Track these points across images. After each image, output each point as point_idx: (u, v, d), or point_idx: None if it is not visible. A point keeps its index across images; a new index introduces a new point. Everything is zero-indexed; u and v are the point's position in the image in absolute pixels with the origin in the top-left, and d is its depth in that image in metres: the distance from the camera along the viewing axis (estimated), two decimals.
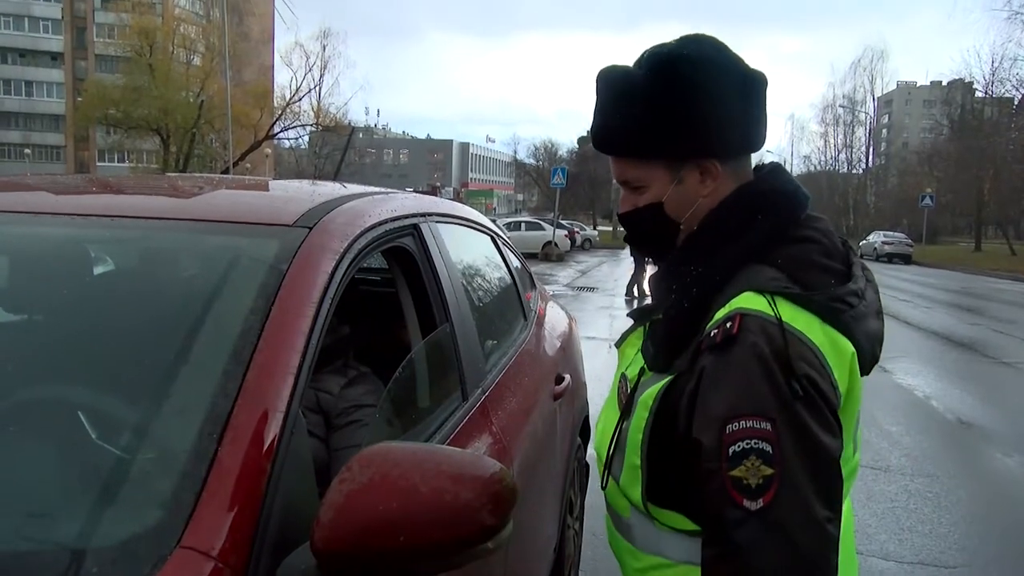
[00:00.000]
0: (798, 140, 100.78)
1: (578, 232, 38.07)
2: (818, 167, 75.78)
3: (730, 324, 1.09)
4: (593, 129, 1.30)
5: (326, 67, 47.87)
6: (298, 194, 1.92)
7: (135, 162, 55.10)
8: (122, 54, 48.39)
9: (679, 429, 1.15)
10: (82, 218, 1.59)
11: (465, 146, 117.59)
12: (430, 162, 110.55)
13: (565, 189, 31.53)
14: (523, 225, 32.35)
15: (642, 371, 1.26)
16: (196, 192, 2.02)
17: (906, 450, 5.78)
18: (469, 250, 2.55)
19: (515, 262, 3.11)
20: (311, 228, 1.46)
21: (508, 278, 2.91)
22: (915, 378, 8.44)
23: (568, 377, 2.83)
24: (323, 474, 1.65)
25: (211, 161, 46.51)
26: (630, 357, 1.35)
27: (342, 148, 46.04)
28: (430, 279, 1.90)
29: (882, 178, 73.22)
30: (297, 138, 51.28)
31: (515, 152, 79.48)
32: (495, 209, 78.91)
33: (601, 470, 1.34)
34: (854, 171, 72.24)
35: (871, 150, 73.07)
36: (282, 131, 47.57)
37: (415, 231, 1.90)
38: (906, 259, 36.80)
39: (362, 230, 1.58)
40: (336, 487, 1.02)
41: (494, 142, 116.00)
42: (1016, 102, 44.99)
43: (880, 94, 75.07)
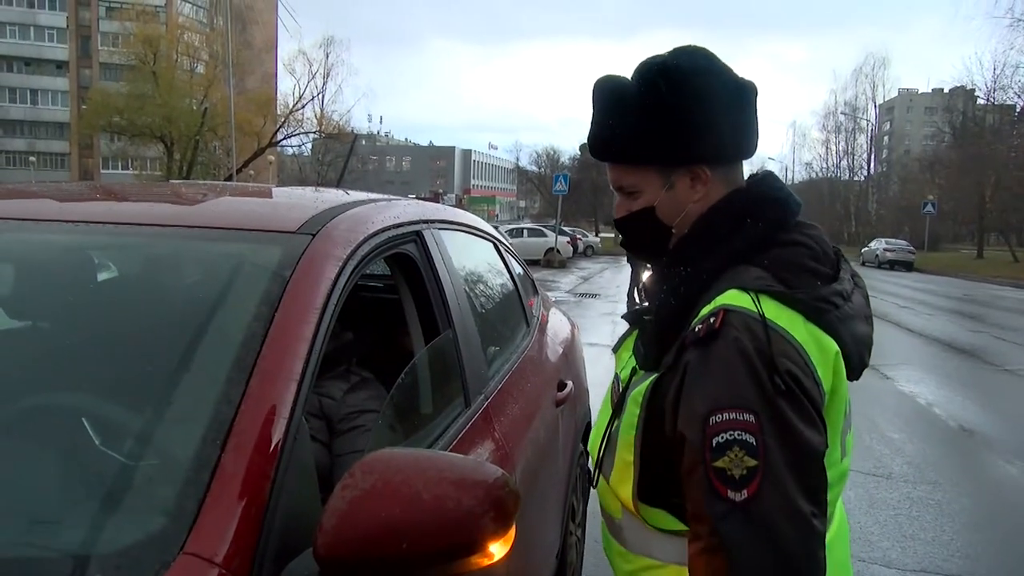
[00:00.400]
0: (800, 147, 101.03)
1: (580, 239, 38.05)
2: (820, 174, 75.89)
3: (713, 319, 1.12)
4: (589, 137, 1.34)
5: (329, 74, 48.06)
6: (301, 201, 1.92)
7: (139, 169, 55.19)
8: (126, 62, 48.46)
9: (666, 425, 1.17)
10: (86, 225, 1.60)
11: (467, 153, 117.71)
12: (432, 169, 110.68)
13: (567, 196, 31.49)
14: (525, 231, 32.34)
15: (634, 371, 1.29)
16: (199, 199, 2.03)
17: (908, 457, 5.76)
18: (472, 257, 2.56)
19: (517, 268, 3.12)
20: (314, 235, 1.46)
21: (510, 284, 2.92)
22: (917, 385, 8.42)
23: (570, 383, 2.83)
24: (326, 479, 1.66)
25: (214, 168, 46.60)
26: (624, 360, 1.37)
27: (345, 155, 46.00)
28: (433, 285, 1.91)
29: (884, 185, 73.20)
30: (300, 145, 51.38)
31: (517, 159, 79.58)
32: (497, 216, 79.01)
33: (594, 470, 1.37)
34: (856, 178, 72.32)
35: (873, 157, 73.19)
36: (285, 138, 47.65)
37: (418, 238, 1.91)
38: (908, 266, 36.72)
39: (365, 237, 1.58)
40: (339, 493, 1.02)
41: (496, 149, 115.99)
42: (1018, 109, 45.00)
43: (882, 101, 75.37)
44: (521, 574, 1.99)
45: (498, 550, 1.03)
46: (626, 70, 1.31)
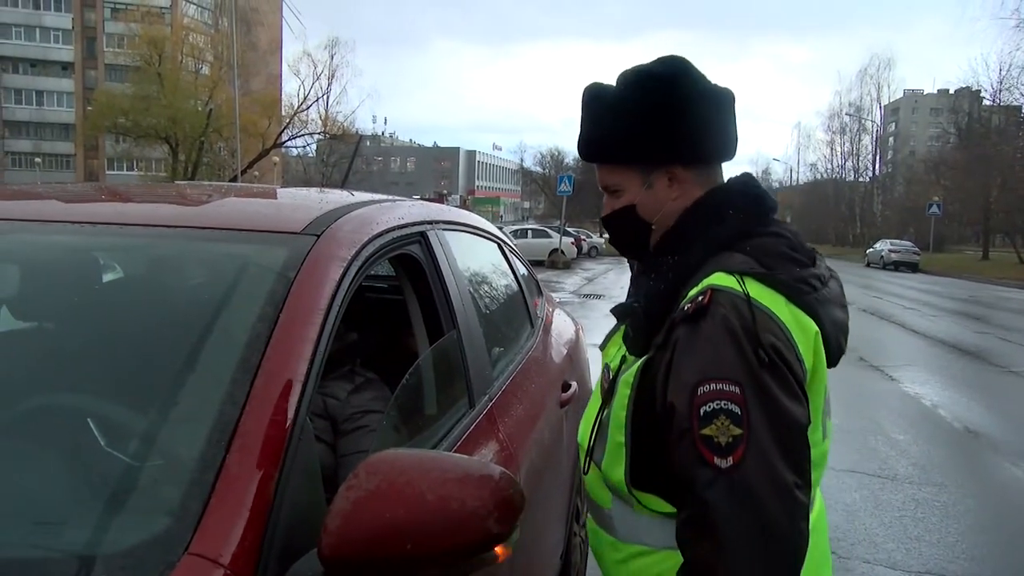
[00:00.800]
0: (804, 148, 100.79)
1: (584, 239, 38.00)
2: (824, 175, 75.76)
3: (702, 298, 1.19)
4: (578, 140, 1.43)
5: (334, 76, 48.13)
6: (306, 202, 1.93)
7: (144, 170, 55.34)
8: (131, 64, 48.60)
9: (657, 401, 1.22)
10: (91, 226, 1.60)
11: (471, 154, 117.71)
12: (436, 170, 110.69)
13: (571, 197, 31.48)
14: (529, 232, 32.34)
15: (624, 359, 1.35)
16: (204, 200, 2.03)
17: (913, 459, 5.75)
18: (476, 257, 2.56)
19: (522, 269, 3.12)
20: (319, 236, 1.47)
21: (515, 285, 2.92)
22: (922, 387, 8.40)
23: (575, 384, 2.83)
24: (330, 479, 1.66)
25: (219, 169, 46.71)
26: (613, 353, 1.42)
27: (349, 156, 46.06)
28: (437, 286, 1.91)
29: (888, 186, 72.98)
30: (305, 146, 51.56)
31: (521, 160, 79.68)
32: (501, 217, 79.03)
33: (583, 459, 1.42)
34: (860, 179, 72.15)
35: (877, 158, 73.00)
36: (290, 139, 47.78)
37: (422, 238, 1.91)
38: (913, 267, 36.65)
39: (369, 237, 1.59)
40: (343, 494, 1.02)
41: (500, 150, 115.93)
42: None
43: (887, 102, 75.19)
44: (525, 575, 1.99)
45: (502, 551, 1.03)
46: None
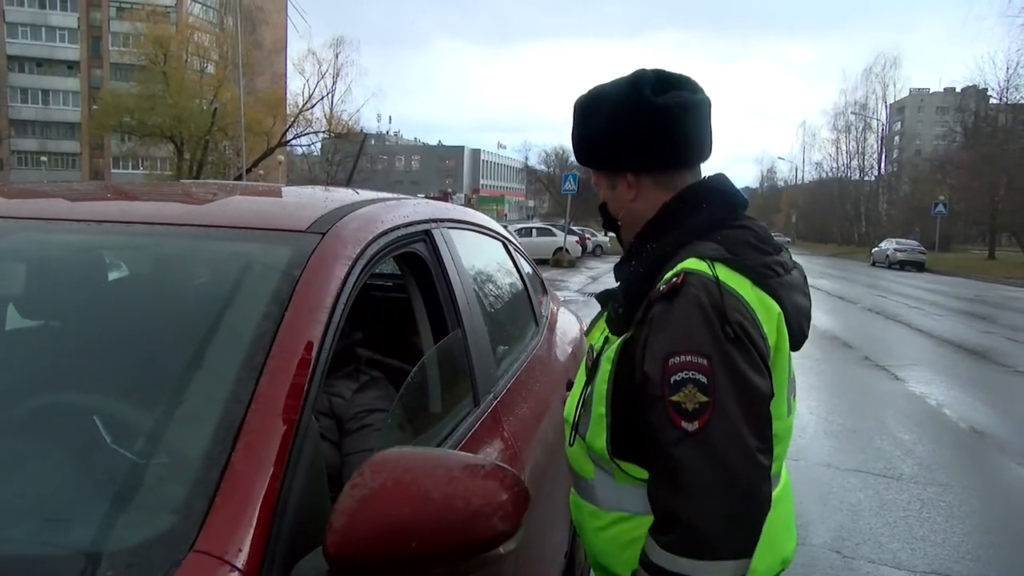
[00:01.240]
0: (810, 147, 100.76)
1: (589, 238, 37.96)
2: (830, 174, 75.62)
3: (676, 279, 1.30)
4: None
5: (339, 74, 48.06)
6: (311, 200, 1.93)
7: (149, 169, 55.45)
8: (137, 63, 48.62)
9: (637, 375, 1.32)
10: (97, 224, 1.61)
11: (476, 152, 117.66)
12: (441, 168, 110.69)
13: (576, 195, 31.40)
14: (534, 231, 32.31)
15: (606, 340, 1.46)
16: (209, 199, 2.04)
17: (919, 459, 5.73)
18: (481, 256, 2.56)
19: (526, 268, 3.11)
20: (324, 234, 1.47)
21: (520, 284, 2.92)
22: (928, 386, 8.37)
23: None
24: (335, 478, 1.66)
25: (224, 168, 46.72)
26: (596, 336, 1.54)
27: (354, 155, 46.19)
28: (442, 285, 1.91)
29: (894, 185, 72.76)
30: (310, 145, 51.53)
31: (526, 158, 79.58)
32: (506, 215, 79.01)
33: (568, 432, 1.53)
34: (866, 178, 71.97)
35: (883, 157, 72.70)
36: (295, 138, 47.78)
37: (427, 237, 1.91)
38: (919, 267, 36.52)
39: (374, 236, 1.59)
40: (348, 492, 1.02)
41: (505, 148, 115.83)
42: None
43: (892, 101, 74.95)
44: (530, 573, 1.99)
45: (507, 549, 1.03)
46: (632, 69, 1.48)
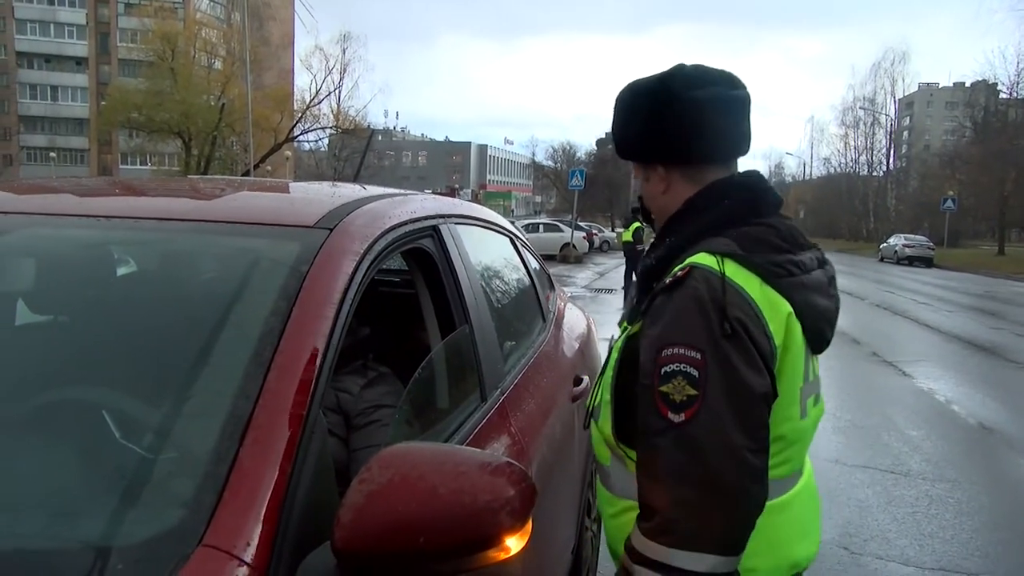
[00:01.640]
0: (818, 142, 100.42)
1: (596, 234, 37.88)
2: (838, 169, 75.17)
3: (681, 272, 1.31)
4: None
5: (346, 70, 48.10)
6: (318, 196, 1.93)
7: (157, 165, 55.67)
8: (145, 59, 48.83)
9: (640, 364, 1.32)
10: (105, 220, 1.61)
11: (483, 148, 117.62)
12: (448, 164, 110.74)
13: (583, 191, 31.35)
14: (541, 227, 32.25)
15: (624, 330, 1.46)
16: (217, 194, 2.04)
17: (927, 455, 5.72)
18: (488, 251, 2.56)
19: (533, 263, 3.11)
20: (331, 229, 1.47)
21: (527, 279, 2.92)
22: (936, 382, 8.35)
23: (586, 378, 2.82)
24: (343, 474, 1.66)
25: (232, 164, 46.82)
26: (623, 327, 1.53)
27: (361, 150, 46.13)
28: (449, 280, 1.91)
29: (903, 181, 72.30)
30: (317, 141, 51.59)
31: (533, 154, 79.68)
32: (513, 211, 78.95)
33: (586, 415, 1.58)
34: (875, 173, 71.55)
35: (892, 152, 72.36)
36: (302, 134, 47.82)
37: (434, 232, 1.91)
38: (927, 262, 36.35)
39: (382, 231, 1.59)
40: (356, 488, 1.02)
41: (512, 144, 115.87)
42: None
43: (901, 96, 74.40)
44: (537, 569, 1.99)
45: (514, 545, 1.04)
46: (639, 64, 1.52)
